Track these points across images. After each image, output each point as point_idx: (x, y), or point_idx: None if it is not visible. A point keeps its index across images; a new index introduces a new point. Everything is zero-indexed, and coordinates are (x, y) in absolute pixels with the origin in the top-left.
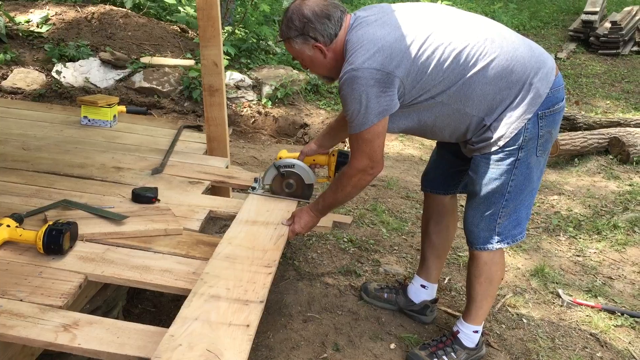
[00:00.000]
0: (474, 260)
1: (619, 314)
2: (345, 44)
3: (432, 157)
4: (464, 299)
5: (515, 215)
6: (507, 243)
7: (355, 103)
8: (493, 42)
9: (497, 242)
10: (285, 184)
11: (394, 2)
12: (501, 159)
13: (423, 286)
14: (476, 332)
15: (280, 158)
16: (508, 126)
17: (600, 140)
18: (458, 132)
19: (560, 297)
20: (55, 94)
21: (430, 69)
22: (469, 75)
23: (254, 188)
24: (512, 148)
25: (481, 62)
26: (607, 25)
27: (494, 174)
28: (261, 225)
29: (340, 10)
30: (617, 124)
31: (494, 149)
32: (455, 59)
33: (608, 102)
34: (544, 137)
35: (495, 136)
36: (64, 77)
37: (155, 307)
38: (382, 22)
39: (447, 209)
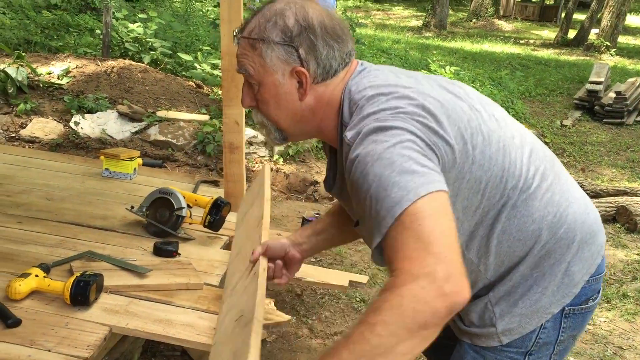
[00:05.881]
0: None
1: None
2: (344, 94)
3: None
4: None
5: None
6: None
7: (385, 168)
8: (549, 168)
9: None
10: (159, 210)
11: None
12: None
13: None
14: None
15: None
16: (521, 319)
17: (607, 209)
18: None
19: None
20: (72, 144)
21: (476, 159)
22: (510, 203)
23: (133, 207)
24: (516, 350)
25: (533, 186)
26: (612, 95)
27: None
28: None
29: (352, 42)
30: (624, 193)
31: (492, 344)
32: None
33: (614, 170)
34: (563, 344)
35: (500, 327)
36: (81, 128)
37: None
38: (407, 75)
39: None
